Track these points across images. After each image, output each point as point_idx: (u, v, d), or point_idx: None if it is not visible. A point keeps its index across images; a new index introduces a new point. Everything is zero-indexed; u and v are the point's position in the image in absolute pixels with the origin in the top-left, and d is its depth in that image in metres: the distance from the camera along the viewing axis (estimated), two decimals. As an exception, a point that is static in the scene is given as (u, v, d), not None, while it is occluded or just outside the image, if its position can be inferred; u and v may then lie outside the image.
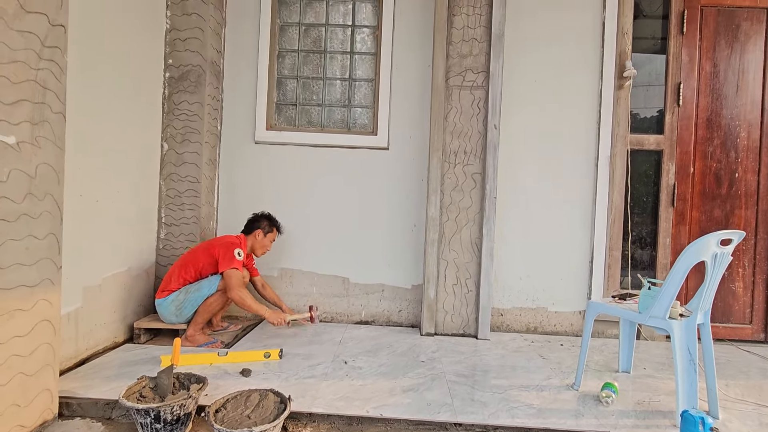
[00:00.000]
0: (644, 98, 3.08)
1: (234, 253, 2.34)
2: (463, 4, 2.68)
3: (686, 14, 2.91)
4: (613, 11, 2.86)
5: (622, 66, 2.89)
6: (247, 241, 2.56)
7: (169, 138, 2.72)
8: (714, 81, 2.94)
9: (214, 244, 2.40)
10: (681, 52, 2.93)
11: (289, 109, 3.06)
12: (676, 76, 2.93)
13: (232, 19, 2.97)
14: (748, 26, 2.93)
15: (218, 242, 2.42)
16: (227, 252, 2.33)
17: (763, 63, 2.92)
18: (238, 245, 2.41)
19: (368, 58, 3.03)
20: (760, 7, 2.92)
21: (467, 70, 2.71)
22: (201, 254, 2.39)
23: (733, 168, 2.92)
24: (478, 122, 2.73)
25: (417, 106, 2.96)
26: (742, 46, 2.93)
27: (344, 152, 2.98)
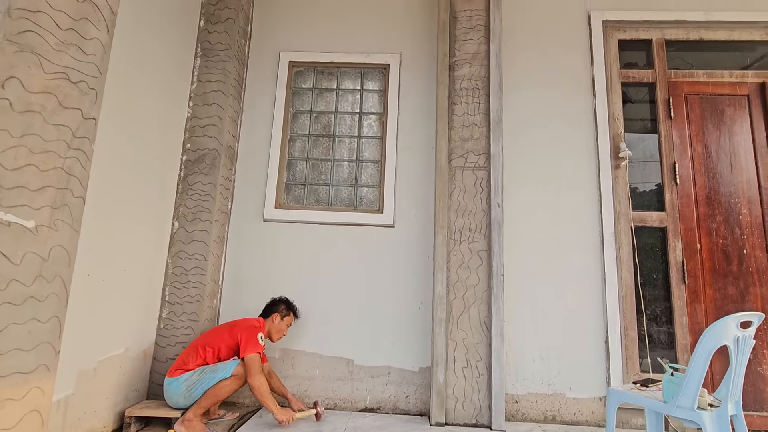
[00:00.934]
0: (641, 174, 3.18)
1: (257, 337, 2.30)
2: (462, 94, 2.90)
3: (672, 101, 3.11)
4: (602, 99, 3.07)
5: (616, 148, 3.03)
6: (265, 325, 2.53)
7: (181, 216, 2.80)
8: (708, 161, 3.05)
9: (237, 327, 2.36)
10: (672, 134, 3.09)
11: (298, 189, 3.18)
12: (670, 157, 3.05)
13: (249, 107, 3.22)
14: (732, 111, 3.11)
15: (241, 325, 2.38)
16: (251, 336, 2.29)
17: (752, 144, 3.05)
18: (261, 329, 2.39)
19: (374, 141, 3.21)
20: (740, 94, 3.13)
21: (469, 153, 2.85)
22: (224, 335, 2.34)
23: (740, 245, 2.91)
24: (481, 201, 2.80)
25: (421, 185, 3.07)
26: (730, 129, 3.09)
27: (351, 230, 3.03)
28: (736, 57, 3.37)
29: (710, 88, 3.13)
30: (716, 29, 3.18)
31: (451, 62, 2.95)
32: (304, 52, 3.28)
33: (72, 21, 1.53)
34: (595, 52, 3.10)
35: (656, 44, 3.20)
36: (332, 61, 3.27)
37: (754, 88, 3.12)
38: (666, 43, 3.21)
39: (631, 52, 3.30)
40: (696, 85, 3.13)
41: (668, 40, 3.21)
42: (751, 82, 3.12)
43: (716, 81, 3.14)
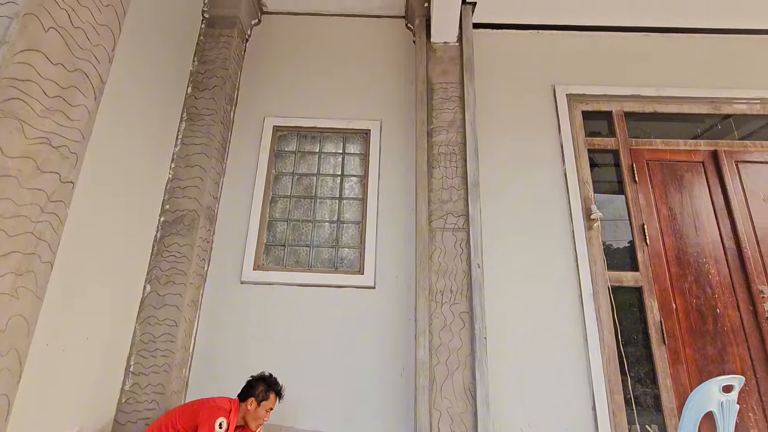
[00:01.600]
0: (614, 233, 3.30)
1: (215, 424, 2.02)
2: (440, 158, 3.02)
3: (635, 167, 3.32)
4: (572, 164, 3.25)
5: (588, 210, 3.16)
6: (239, 410, 2.23)
7: (154, 279, 2.69)
8: (674, 222, 3.20)
9: (202, 408, 2.11)
10: (638, 197, 3.26)
11: (278, 250, 3.14)
12: (639, 218, 3.20)
13: (232, 169, 3.25)
14: (690, 176, 3.33)
15: (206, 405, 2.12)
16: (207, 420, 2.03)
17: (712, 207, 3.24)
18: (226, 414, 2.09)
19: (356, 203, 3.26)
20: (696, 161, 3.37)
21: (448, 214, 2.92)
22: (186, 415, 2.10)
23: (713, 304, 2.98)
24: (461, 261, 2.82)
25: (402, 246, 3.09)
26: (690, 192, 3.29)
27: (330, 291, 2.97)
28: (689, 127, 3.68)
29: (668, 155, 3.37)
30: (668, 103, 3.50)
31: (429, 129, 3.11)
32: (288, 118, 3.41)
33: (60, 89, 1.56)
34: (561, 122, 3.34)
35: (616, 115, 3.48)
36: (315, 126, 3.39)
37: (707, 155, 3.37)
38: (625, 114, 3.49)
39: (595, 121, 3.56)
40: (655, 152, 3.37)
41: (627, 112, 3.50)
42: (704, 150, 3.39)
43: (673, 149, 3.39)
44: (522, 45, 3.64)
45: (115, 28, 1.93)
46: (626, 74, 3.53)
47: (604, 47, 3.64)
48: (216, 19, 3.33)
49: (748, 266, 3.05)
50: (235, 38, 3.30)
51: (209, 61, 3.20)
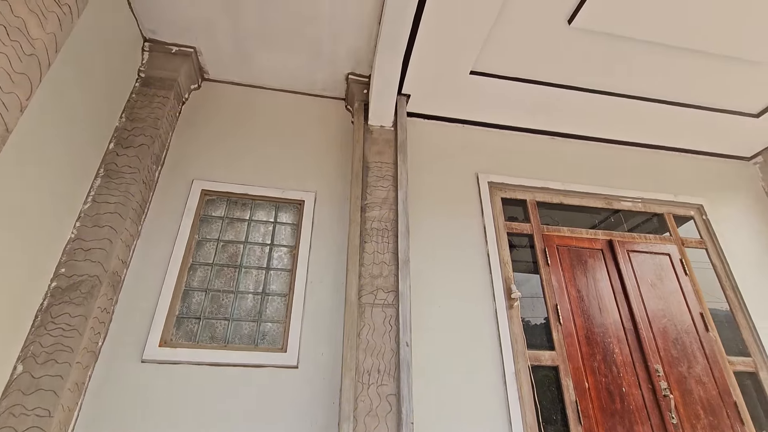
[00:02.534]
0: (532, 310, 3.49)
1: None
2: (373, 234, 3.08)
3: (547, 251, 3.65)
4: (494, 246, 3.48)
5: (508, 289, 3.35)
6: None
7: (29, 358, 2.25)
8: (582, 303, 3.49)
9: None
10: (551, 278, 3.54)
11: (191, 323, 2.84)
12: (552, 299, 3.44)
13: (149, 232, 3.00)
14: (593, 261, 3.73)
15: None
16: None
17: (611, 290, 3.61)
18: None
19: (284, 273, 3.13)
20: (596, 248, 3.80)
21: (378, 289, 2.90)
22: None
23: (618, 383, 3.19)
24: (390, 339, 2.76)
25: (330, 322, 2.97)
26: (594, 276, 3.65)
27: (248, 372, 2.70)
28: (589, 217, 4.20)
29: (574, 241, 3.77)
30: (572, 197, 3.99)
31: (363, 204, 3.19)
32: (218, 182, 3.30)
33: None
34: (484, 206, 3.63)
35: (530, 203, 3.87)
36: (247, 194, 3.32)
37: (605, 243, 3.83)
38: (537, 203, 3.90)
39: (514, 207, 3.92)
40: (563, 238, 3.76)
41: (539, 201, 3.91)
42: (602, 239, 3.85)
43: (578, 236, 3.81)
44: (450, 135, 4.03)
45: (35, 77, 1.80)
46: (538, 169, 4.01)
47: (520, 144, 4.15)
48: (153, 79, 3.27)
49: (645, 346, 3.36)
50: (171, 100, 3.25)
51: (139, 119, 3.08)
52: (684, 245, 4.02)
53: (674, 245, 3.98)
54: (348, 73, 3.66)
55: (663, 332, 3.49)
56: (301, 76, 3.73)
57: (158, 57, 3.35)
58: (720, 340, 3.57)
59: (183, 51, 3.41)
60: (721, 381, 3.37)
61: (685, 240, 4.06)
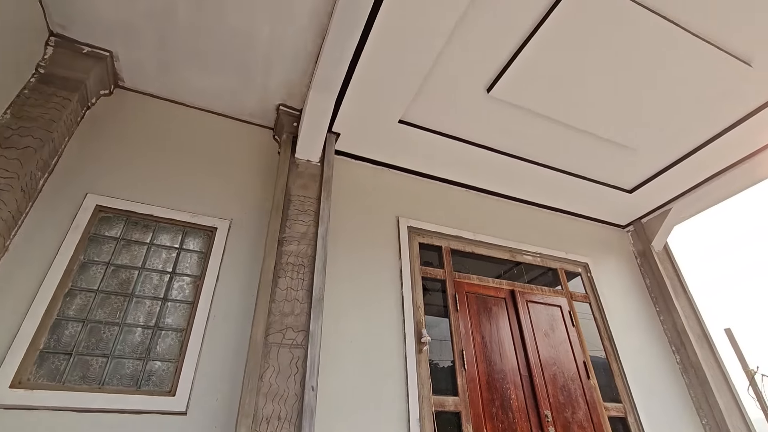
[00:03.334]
0: (440, 353, 3.56)
1: None
2: (288, 269, 2.96)
3: (457, 297, 3.82)
4: (408, 289, 3.56)
5: (419, 333, 3.40)
6: None
7: None
8: (485, 349, 3.66)
9: None
10: (459, 324, 3.69)
11: (59, 360, 2.41)
12: (459, 344, 3.57)
13: (20, 248, 2.55)
14: (497, 309, 3.97)
15: None
16: None
17: (511, 338, 3.86)
18: None
19: (183, 306, 2.84)
20: (500, 297, 4.07)
21: (288, 328, 2.76)
22: None
23: (513, 428, 3.34)
24: (295, 383, 2.61)
25: (231, 362, 2.73)
26: (497, 323, 3.88)
27: (126, 420, 2.34)
28: (496, 267, 4.52)
29: (482, 289, 4.00)
30: (482, 247, 4.28)
31: (281, 237, 3.08)
32: (118, 199, 2.97)
33: None
34: (402, 250, 3.72)
35: (445, 250, 4.07)
36: (152, 214, 3.02)
37: (508, 293, 4.13)
38: (451, 251, 4.11)
39: (429, 252, 4.07)
40: (473, 286, 3.97)
41: (452, 249, 4.13)
42: (506, 288, 4.14)
43: (485, 284, 4.05)
44: (376, 177, 4.14)
45: None
46: (454, 218, 4.26)
47: (439, 193, 4.40)
48: (54, 78, 2.92)
49: (537, 392, 3.60)
50: (73, 102, 2.91)
51: (28, 117, 2.69)
52: (573, 298, 4.49)
53: (564, 298, 4.42)
54: (279, 104, 3.63)
55: (553, 379, 3.78)
56: (229, 100, 3.61)
57: (65, 54, 3.02)
58: (598, 386, 3.96)
59: (96, 53, 3.12)
60: (598, 426, 3.70)
61: (573, 294, 4.54)
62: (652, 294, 5.04)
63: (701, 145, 4.10)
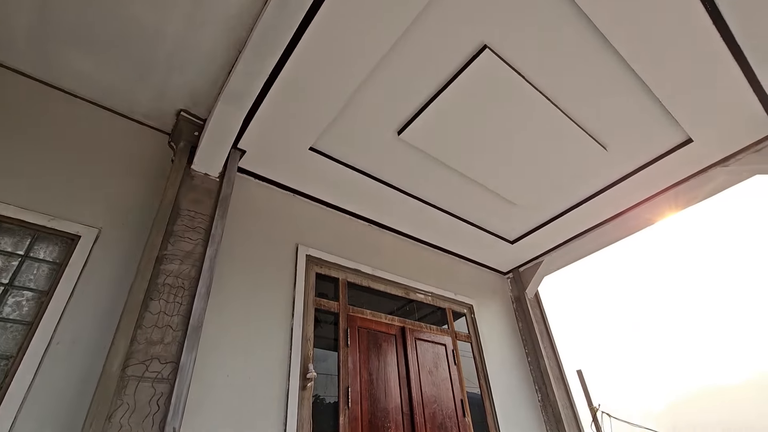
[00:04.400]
0: (326, 388, 3.42)
1: None
2: (164, 290, 2.63)
3: (349, 331, 3.76)
4: (299, 321, 3.41)
5: (305, 368, 3.25)
6: None
7: None
8: (371, 387, 3.63)
9: None
10: (348, 360, 3.61)
11: None
12: (345, 381, 3.48)
13: None
14: (386, 346, 4.00)
15: None
16: None
17: (397, 375, 3.90)
18: None
19: (16, 327, 2.32)
20: (391, 333, 4.13)
21: (154, 359, 2.41)
22: None
23: (391, 470, 3.31)
24: (153, 423, 2.26)
25: (72, 398, 2.27)
26: (385, 360, 3.89)
27: None
28: (390, 304, 4.59)
29: (374, 325, 4.02)
30: (378, 282, 4.34)
31: (161, 255, 2.75)
32: (-54, 188, 2.39)
33: None
34: (298, 279, 3.59)
35: (341, 283, 4.02)
36: (-8, 211, 2.48)
37: (399, 329, 4.20)
38: (348, 284, 4.08)
39: (325, 282, 3.99)
40: (366, 321, 3.97)
41: (350, 282, 4.11)
42: (397, 325, 4.22)
43: (378, 320, 4.08)
44: (279, 201, 3.99)
45: None
46: (354, 251, 4.27)
47: (343, 225, 4.39)
48: None
49: (417, 430, 3.64)
50: None
51: None
52: (457, 338, 4.74)
53: (449, 337, 4.65)
54: (181, 109, 3.34)
55: (432, 417, 3.88)
56: (120, 95, 3.22)
57: None
58: (472, 424, 4.17)
59: (-52, 9, 2.57)
60: (469, 464, 3.85)
61: (458, 333, 4.81)
62: (523, 337, 5.58)
63: (568, 209, 4.79)
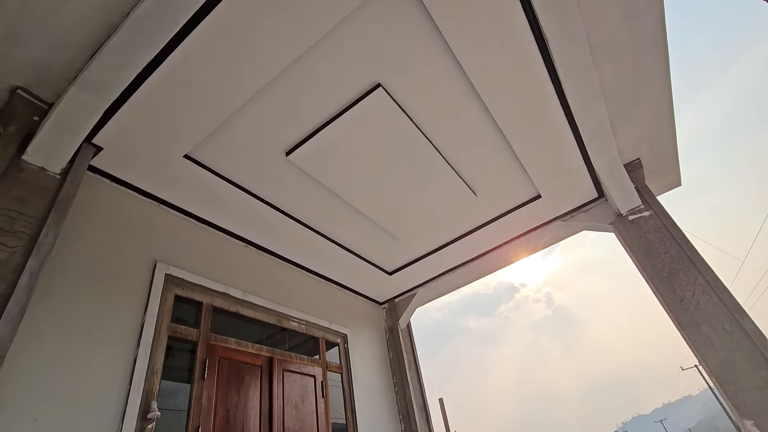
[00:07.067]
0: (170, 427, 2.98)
1: None
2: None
3: (208, 362, 3.38)
4: (146, 350, 2.93)
5: (147, 406, 2.79)
6: None
7: None
8: (227, 425, 3.27)
9: None
10: (202, 395, 3.22)
11: None
12: (196, 420, 3.08)
13: None
14: (249, 379, 3.68)
15: None
16: None
17: (258, 410, 3.60)
18: None
19: None
20: (257, 364, 3.83)
21: None
22: None
23: None
24: None
25: None
26: (246, 395, 3.57)
27: None
28: (259, 332, 4.28)
29: (238, 355, 3.68)
30: (248, 308, 4.03)
31: (-45, 263, 2.13)
32: None
33: None
34: (151, 301, 3.11)
35: (205, 307, 3.63)
36: None
37: (266, 360, 3.92)
38: (214, 309, 3.70)
39: (186, 306, 3.54)
40: (229, 351, 3.61)
41: (215, 307, 3.73)
42: (265, 356, 3.94)
43: (243, 350, 3.75)
44: (138, 209, 3.48)
45: None
46: (223, 273, 3.92)
47: (213, 242, 4.01)
48: None
49: (274, 473, 3.37)
50: None
51: None
52: (327, 369, 4.62)
53: (320, 368, 4.51)
54: (17, 86, 2.73)
55: (293, 455, 3.64)
56: (-73, 53, 2.51)
57: None
58: (334, 460, 4.03)
59: None
60: (327, 503, 3.68)
61: (329, 364, 4.69)
62: (393, 366, 5.72)
63: (442, 245, 5.18)
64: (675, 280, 3.86)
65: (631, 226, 4.31)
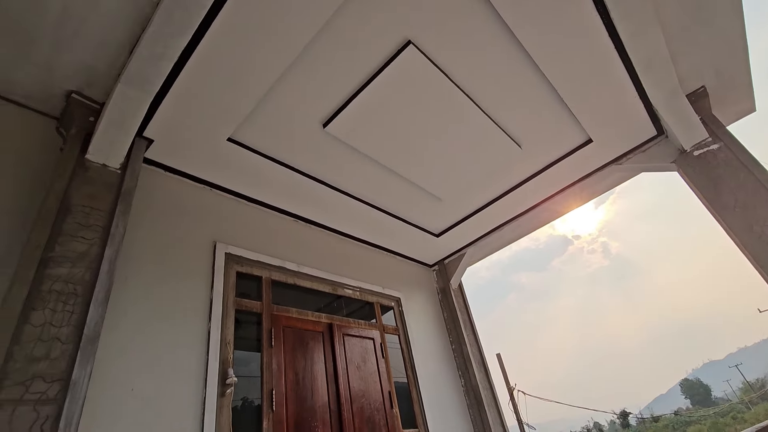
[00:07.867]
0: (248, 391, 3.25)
1: None
2: (50, 299, 2.28)
3: (273, 332, 3.61)
4: (217, 323, 3.18)
5: (224, 373, 3.05)
6: None
7: None
8: (297, 387, 3.52)
9: None
10: (272, 361, 3.46)
11: None
12: (269, 383, 3.34)
13: None
14: (313, 344, 3.91)
15: None
16: None
17: (324, 373, 3.83)
18: None
19: None
20: (318, 331, 4.04)
21: (37, 378, 2.09)
22: None
23: (318, 470, 3.24)
24: (37, 452, 1.96)
25: (-77, 433, 1.88)
26: (312, 358, 3.80)
27: None
28: (317, 301, 4.49)
29: (300, 323, 3.90)
30: (304, 279, 4.22)
31: (46, 257, 2.38)
32: None
33: None
34: (216, 279, 3.34)
35: (265, 281, 3.84)
36: None
37: (326, 326, 4.13)
38: (273, 282, 3.91)
39: (247, 282, 3.77)
40: (291, 320, 3.83)
41: (274, 280, 3.93)
42: (324, 322, 4.14)
43: (304, 318, 3.96)
44: (194, 195, 3.68)
45: None
46: (278, 248, 4.10)
47: (265, 220, 4.19)
48: None
49: (345, 427, 3.61)
50: None
51: None
52: (385, 331, 4.79)
53: (377, 331, 4.68)
54: (72, 90, 2.92)
55: (360, 411, 3.87)
56: (-8, 70, 2.73)
57: None
58: (399, 414, 4.24)
59: None
60: (396, 454, 3.92)
61: (386, 327, 4.86)
62: (448, 326, 5.81)
63: (488, 203, 5.06)
64: (752, 216, 3.54)
65: (697, 162, 3.95)
